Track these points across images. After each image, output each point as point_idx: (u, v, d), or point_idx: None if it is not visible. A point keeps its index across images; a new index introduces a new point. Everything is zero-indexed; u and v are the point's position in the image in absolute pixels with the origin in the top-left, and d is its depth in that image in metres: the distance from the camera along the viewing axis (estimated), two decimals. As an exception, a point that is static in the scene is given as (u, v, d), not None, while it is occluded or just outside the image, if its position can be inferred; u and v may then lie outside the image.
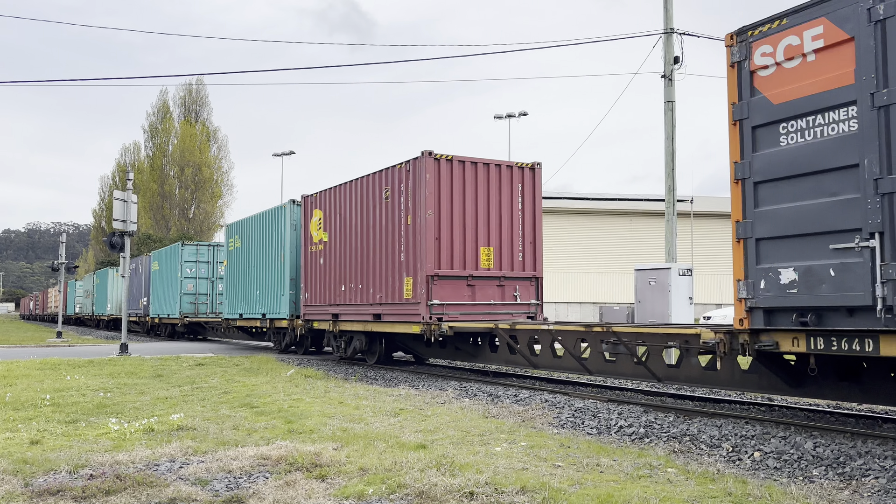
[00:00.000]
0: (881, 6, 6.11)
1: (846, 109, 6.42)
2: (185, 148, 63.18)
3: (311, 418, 8.38)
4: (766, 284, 6.90)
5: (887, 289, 5.93)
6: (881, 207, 6.04)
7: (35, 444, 6.87)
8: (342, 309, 15.29)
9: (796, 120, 6.79)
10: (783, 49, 6.94)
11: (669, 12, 17.42)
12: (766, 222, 6.95)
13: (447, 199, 12.84)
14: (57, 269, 36.70)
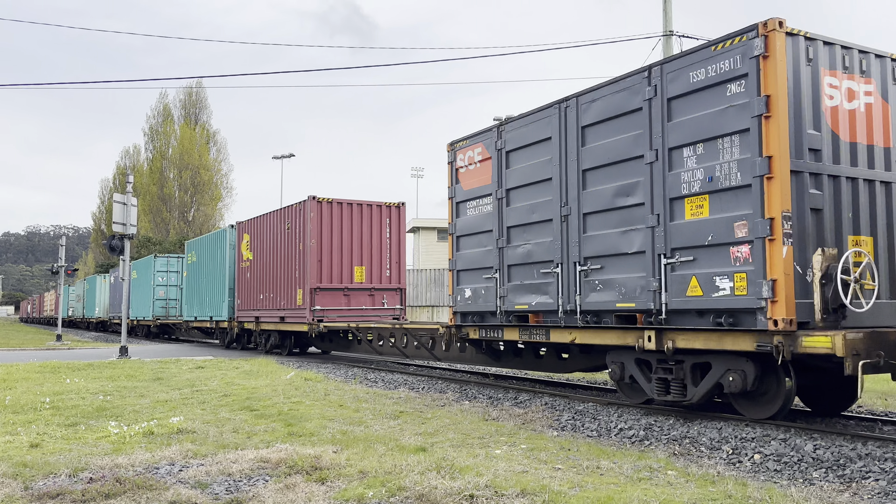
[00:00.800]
0: (502, 142, 10.62)
1: (489, 198, 10.89)
2: (185, 151, 63.19)
3: (310, 421, 8.37)
4: (460, 298, 11.47)
5: (502, 302, 10.53)
6: (499, 256, 10.61)
7: (35, 447, 6.86)
8: (261, 313, 19.76)
9: (472, 201, 11.27)
10: (467, 158, 11.43)
11: (668, 15, 17.46)
12: (460, 260, 11.50)
13: (328, 230, 17.30)
14: (57, 273, 36.69)
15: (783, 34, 7.19)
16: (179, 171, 63.38)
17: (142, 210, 59.23)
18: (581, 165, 9.26)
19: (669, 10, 17.45)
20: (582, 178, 9.25)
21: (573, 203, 9.36)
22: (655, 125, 8.20)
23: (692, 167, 7.80)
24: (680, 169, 7.92)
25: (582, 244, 9.21)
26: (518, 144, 10.34)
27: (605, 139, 8.91)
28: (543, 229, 9.85)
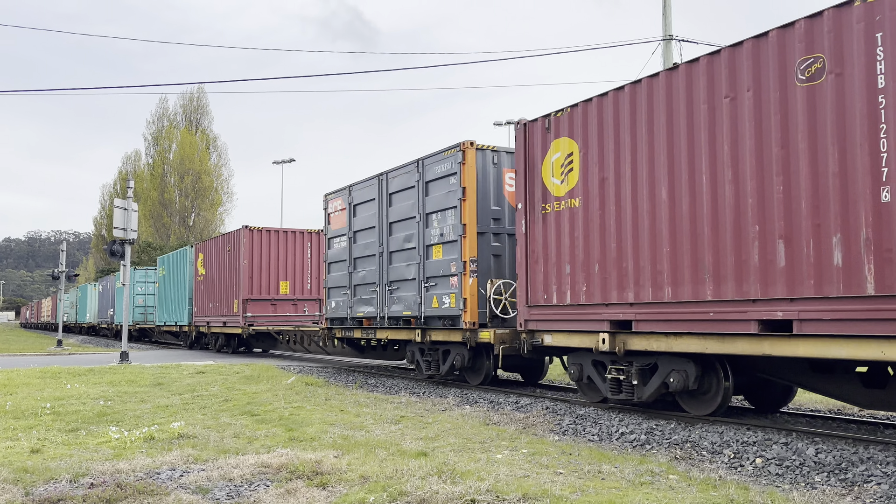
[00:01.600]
0: (351, 198, 14.73)
1: (344, 237, 15.07)
2: (186, 156, 63.25)
3: (311, 426, 8.37)
4: (329, 308, 15.71)
5: (351, 311, 14.65)
6: (349, 279, 14.74)
7: (35, 452, 6.86)
8: (210, 319, 23.92)
9: (336, 238, 15.51)
10: (333, 206, 15.68)
11: (668, 19, 17.49)
12: (329, 281, 15.74)
13: (258, 253, 21.43)
14: (57, 278, 36.70)
15: (474, 150, 11.61)
16: (180, 176, 63.42)
17: (142, 215, 59.26)
18: (388, 219, 13.52)
19: (669, 15, 17.49)
20: (389, 228, 13.52)
21: (384, 244, 13.63)
22: (420, 198, 12.54)
23: (436, 226, 12.16)
24: (431, 227, 12.28)
25: (388, 273, 13.49)
26: (359, 200, 14.63)
27: (399, 203, 13.27)
28: (371, 261, 14.07)
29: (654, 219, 8.40)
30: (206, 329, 24.38)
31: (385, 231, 13.52)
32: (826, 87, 6.73)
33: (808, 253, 6.83)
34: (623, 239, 8.80)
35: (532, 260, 10.20)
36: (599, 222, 9.15)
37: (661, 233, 8.31)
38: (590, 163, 9.32)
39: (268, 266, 21.54)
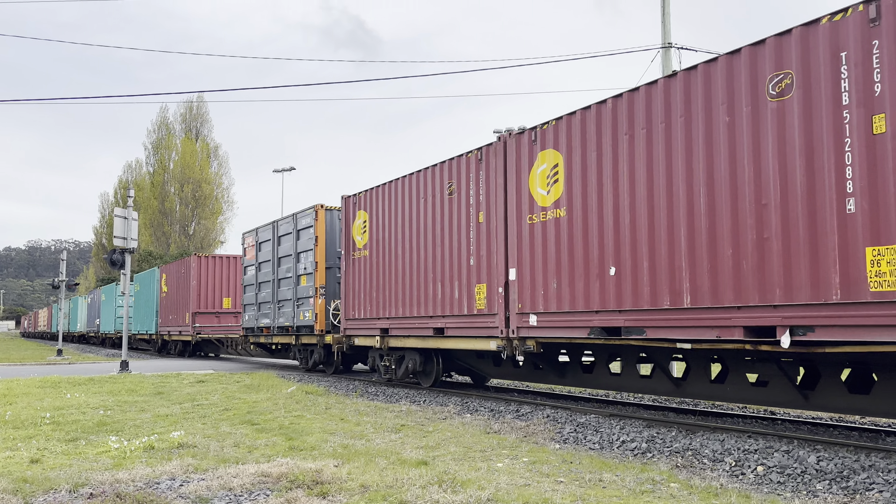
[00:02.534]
0: (257, 236, 19.81)
1: (253, 266, 20.04)
2: (186, 165, 63.32)
3: (312, 435, 8.35)
4: (244, 319, 20.76)
5: (257, 321, 19.70)
6: (256, 297, 19.78)
7: (35, 462, 6.84)
8: (171, 329, 28.62)
9: (249, 266, 20.49)
10: (247, 242, 20.62)
11: (667, 27, 17.55)
12: (245, 299, 20.74)
13: (205, 275, 26.22)
14: (57, 287, 36.67)
15: (323, 210, 16.53)
16: (181, 184, 63.47)
17: (143, 224, 59.28)
18: (278, 255, 18.42)
19: (668, 24, 17.54)
20: (278, 261, 18.45)
21: (275, 273, 18.46)
22: (294, 241, 17.47)
23: (303, 262, 17.03)
24: (300, 262, 17.16)
25: (278, 294, 18.35)
26: (262, 239, 19.45)
27: (284, 244, 18.10)
28: (268, 285, 18.88)
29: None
30: (167, 337, 29.42)
31: (276, 263, 18.55)
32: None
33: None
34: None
35: (346, 286, 15.28)
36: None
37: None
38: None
39: (213, 286, 26.41)
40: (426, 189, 12.55)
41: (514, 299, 10.45)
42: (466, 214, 11.57)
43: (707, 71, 7.79)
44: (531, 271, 10.11)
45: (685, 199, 7.98)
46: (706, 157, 7.76)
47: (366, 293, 14.33)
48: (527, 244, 10.22)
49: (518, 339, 10.42)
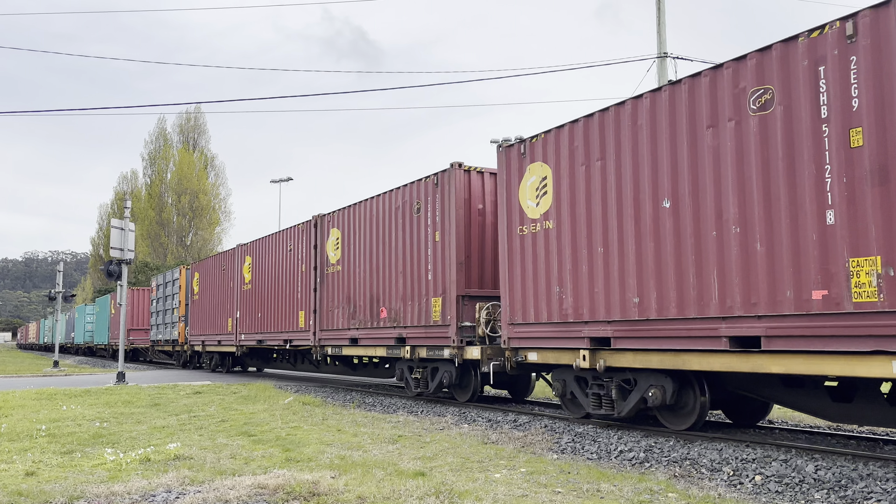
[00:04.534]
0: (158, 280, 30.75)
1: (155, 300, 30.95)
2: (183, 175, 63.34)
3: (308, 446, 8.31)
4: (151, 334, 31.00)
5: (158, 336, 30.28)
6: (155, 320, 30.97)
7: (30, 475, 6.80)
8: (115, 341, 36.09)
9: (153, 300, 31.48)
10: (153, 284, 31.50)
11: (662, 37, 17.64)
12: (152, 320, 30.91)
13: (138, 302, 35.48)
14: (54, 298, 36.59)
15: (184, 269, 26.37)
16: (178, 195, 63.46)
17: (140, 235, 59.20)
18: (164, 294, 27.66)
19: (663, 34, 17.64)
20: (164, 299, 28.11)
21: (163, 306, 27.21)
22: (172, 288, 27.94)
23: (176, 300, 27.72)
24: (174, 300, 27.87)
25: (164, 319, 27.22)
26: (158, 283, 26.40)
27: (167, 289, 27.60)
28: (160, 314, 26.72)
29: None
30: (115, 346, 36.76)
31: (164, 300, 29.14)
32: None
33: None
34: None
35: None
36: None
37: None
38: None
39: (142, 310, 35.84)
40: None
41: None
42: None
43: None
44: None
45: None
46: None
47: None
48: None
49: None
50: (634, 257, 8.52)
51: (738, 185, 7.38)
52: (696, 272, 7.77)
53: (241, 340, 20.83)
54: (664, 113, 8.20)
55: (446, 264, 12.05)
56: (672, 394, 8.47)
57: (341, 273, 15.41)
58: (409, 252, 13.07)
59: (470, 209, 12.12)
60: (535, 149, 10.12)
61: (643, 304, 8.38)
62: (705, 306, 7.66)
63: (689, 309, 7.82)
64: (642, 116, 8.48)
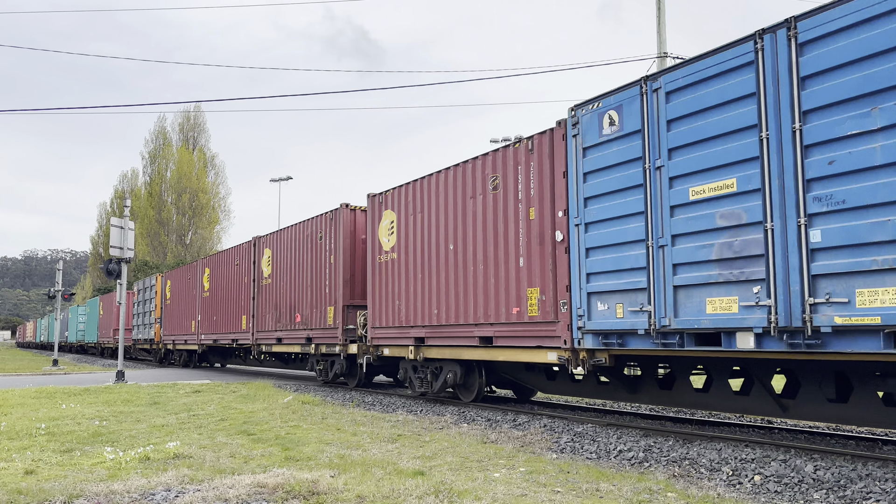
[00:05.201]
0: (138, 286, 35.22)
1: (136, 303, 35.54)
2: (183, 174, 63.36)
3: (308, 445, 8.32)
4: (133, 333, 34.43)
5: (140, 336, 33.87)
6: (136, 321, 34.47)
7: (30, 473, 6.80)
8: (106, 339, 39.74)
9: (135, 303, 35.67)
10: (135, 289, 36.35)
11: (662, 37, 17.65)
12: (134, 321, 34.51)
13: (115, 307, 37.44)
14: (53, 297, 36.57)
15: (161, 277, 29.84)
16: (178, 194, 63.48)
17: (139, 234, 59.21)
18: (144, 298, 31.59)
19: (663, 33, 17.65)
20: (143, 302, 31.72)
21: (143, 308, 32.38)
22: (149, 293, 31.22)
23: (148, 306, 31.84)
24: (150, 304, 31.12)
25: (143, 320, 31.93)
26: (138, 288, 31.98)
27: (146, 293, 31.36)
28: (140, 315, 32.19)
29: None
30: (104, 344, 41.71)
31: (143, 303, 32.06)
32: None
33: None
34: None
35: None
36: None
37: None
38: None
39: (127, 312, 36.64)
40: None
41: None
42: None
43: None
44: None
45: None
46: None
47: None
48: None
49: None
50: (436, 282, 12.22)
51: (483, 236, 11.15)
52: (464, 294, 11.52)
53: (201, 340, 24.54)
54: (451, 184, 12.01)
55: (337, 281, 15.55)
56: (461, 376, 12.34)
57: (271, 285, 18.91)
58: (314, 270, 16.59)
59: (354, 239, 15.52)
60: (388, 199, 13.86)
61: (440, 315, 12.07)
62: (469, 316, 11.38)
63: (461, 318, 11.52)
64: (441, 184, 12.22)
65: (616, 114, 8.66)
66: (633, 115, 8.39)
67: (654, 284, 7.97)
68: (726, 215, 7.31)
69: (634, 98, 8.39)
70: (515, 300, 10.38)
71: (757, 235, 7.02)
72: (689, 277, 7.61)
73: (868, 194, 6.17)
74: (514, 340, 10.45)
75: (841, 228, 6.36)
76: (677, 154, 7.82)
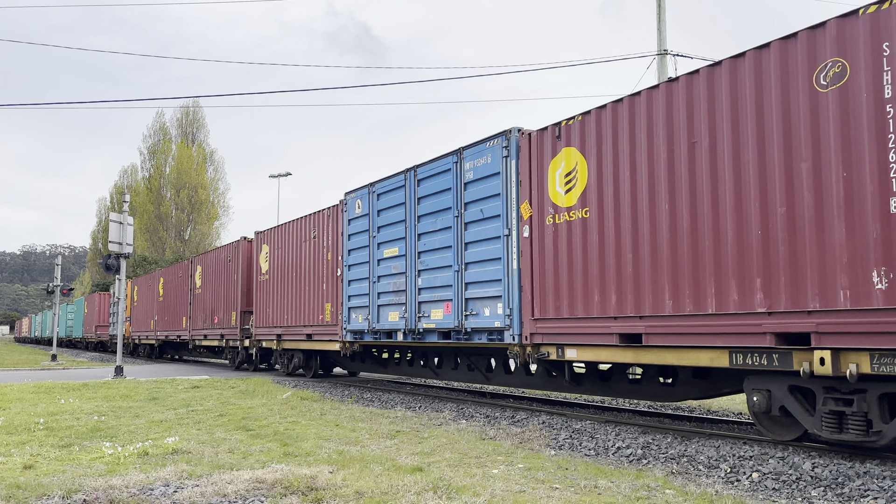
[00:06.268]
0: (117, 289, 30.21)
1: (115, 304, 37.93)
2: (182, 170, 63.26)
3: (306, 441, 8.32)
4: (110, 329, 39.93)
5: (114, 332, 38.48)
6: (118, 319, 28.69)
7: (28, 468, 6.80)
8: (90, 334, 43.99)
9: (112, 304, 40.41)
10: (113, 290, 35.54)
11: (663, 34, 17.63)
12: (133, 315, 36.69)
13: (102, 304, 42.37)
14: (52, 292, 36.56)
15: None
16: (177, 190, 63.40)
17: (138, 229, 59.14)
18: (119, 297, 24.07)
19: (664, 31, 17.63)
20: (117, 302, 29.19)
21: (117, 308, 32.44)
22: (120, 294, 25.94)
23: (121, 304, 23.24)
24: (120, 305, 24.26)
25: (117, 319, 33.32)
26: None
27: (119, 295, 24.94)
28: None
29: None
30: (89, 339, 45.87)
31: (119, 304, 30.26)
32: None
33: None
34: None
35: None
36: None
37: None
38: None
39: (105, 309, 41.51)
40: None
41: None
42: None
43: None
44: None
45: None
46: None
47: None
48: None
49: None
50: (288, 297, 17.61)
51: (304, 269, 17.23)
52: (297, 304, 17.91)
53: (158, 336, 30.13)
54: (297, 231, 17.54)
55: (237, 293, 21.13)
56: (302, 360, 17.93)
57: (200, 294, 24.55)
58: (226, 285, 21.96)
59: (251, 263, 20.67)
60: (266, 236, 19.26)
61: (289, 319, 17.25)
62: (300, 321, 17.28)
63: (297, 322, 16.97)
64: (294, 230, 17.43)
65: (361, 201, 14.39)
66: (365, 204, 14.14)
67: (372, 304, 13.69)
68: (395, 267, 12.99)
69: (366, 194, 14.12)
70: (320, 310, 15.98)
71: (403, 279, 12.75)
72: (384, 301, 13.31)
73: (434, 262, 11.92)
74: (322, 335, 15.80)
75: (426, 279, 12.11)
76: (380, 230, 13.53)
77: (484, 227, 10.80)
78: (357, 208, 14.34)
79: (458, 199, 11.38)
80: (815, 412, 7.01)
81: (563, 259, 9.29)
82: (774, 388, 7.37)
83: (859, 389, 6.69)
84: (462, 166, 11.33)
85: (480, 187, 10.90)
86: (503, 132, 10.52)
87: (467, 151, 11.23)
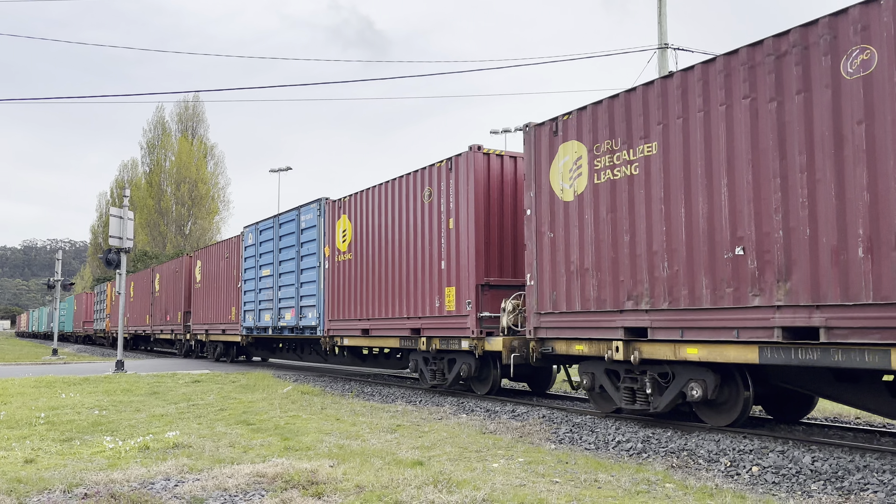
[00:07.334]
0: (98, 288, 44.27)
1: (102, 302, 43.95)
2: (182, 164, 63.18)
3: (307, 435, 8.34)
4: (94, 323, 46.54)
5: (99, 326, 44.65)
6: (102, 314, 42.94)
7: (29, 462, 6.82)
8: (78, 328, 50.40)
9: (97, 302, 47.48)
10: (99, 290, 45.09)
11: (663, 28, 17.58)
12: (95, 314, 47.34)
13: (87, 303, 48.39)
14: (53, 287, 36.60)
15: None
16: (177, 184, 63.33)
17: (139, 224, 59.08)
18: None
19: (664, 25, 17.58)
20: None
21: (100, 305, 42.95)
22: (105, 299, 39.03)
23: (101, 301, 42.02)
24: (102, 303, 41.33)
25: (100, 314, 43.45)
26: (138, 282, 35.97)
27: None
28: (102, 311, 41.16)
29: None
30: (79, 332, 50.19)
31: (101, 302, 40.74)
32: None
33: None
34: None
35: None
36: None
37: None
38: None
39: (91, 307, 46.10)
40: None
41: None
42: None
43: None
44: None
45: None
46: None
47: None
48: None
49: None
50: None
51: (224, 280, 22.86)
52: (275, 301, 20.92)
53: (129, 331, 35.20)
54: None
55: (181, 294, 26.84)
56: (222, 348, 23.57)
57: (159, 297, 29.83)
58: (175, 290, 26.92)
59: (190, 277, 26.97)
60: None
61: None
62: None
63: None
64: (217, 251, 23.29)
65: (251, 235, 19.65)
66: (254, 237, 19.39)
67: (255, 308, 18.96)
68: (268, 283, 18.39)
69: (254, 230, 19.44)
70: (229, 312, 21.94)
71: (272, 292, 18.02)
72: (263, 306, 18.55)
73: (287, 280, 17.67)
74: (231, 331, 21.76)
75: (283, 292, 17.72)
76: (262, 256, 18.87)
77: (310, 260, 16.55)
78: (249, 239, 19.95)
79: (298, 239, 17.11)
80: (619, 389, 9.07)
81: (343, 283, 15.13)
82: (597, 372, 9.45)
83: (642, 371, 8.69)
84: (300, 218, 16.94)
85: (308, 233, 16.68)
86: (318, 199, 16.37)
87: (303, 209, 16.86)
